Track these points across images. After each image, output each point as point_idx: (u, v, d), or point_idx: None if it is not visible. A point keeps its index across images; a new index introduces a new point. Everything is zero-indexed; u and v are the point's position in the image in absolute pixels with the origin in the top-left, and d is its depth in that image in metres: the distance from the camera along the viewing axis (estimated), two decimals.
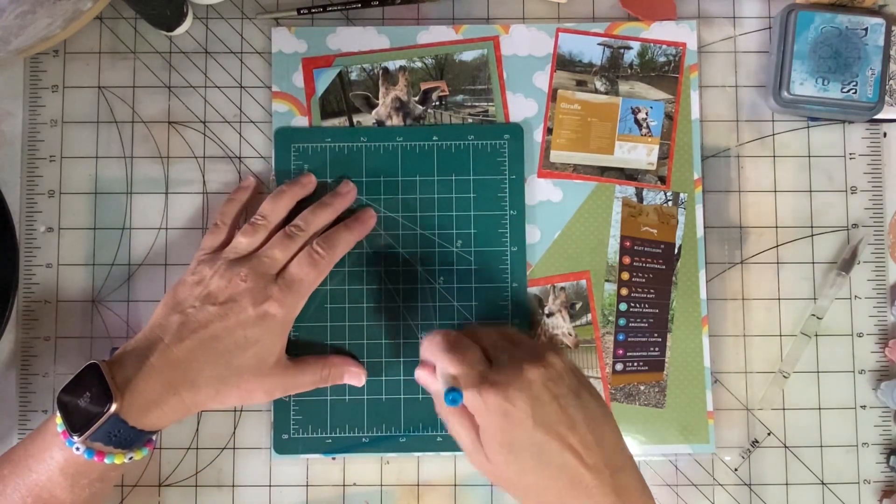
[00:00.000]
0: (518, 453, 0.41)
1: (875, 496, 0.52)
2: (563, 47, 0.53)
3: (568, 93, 0.53)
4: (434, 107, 0.53)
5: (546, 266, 0.52)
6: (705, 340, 0.52)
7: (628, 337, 0.52)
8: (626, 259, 0.52)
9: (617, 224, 0.52)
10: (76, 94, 0.53)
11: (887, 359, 0.52)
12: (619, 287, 0.52)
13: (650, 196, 0.52)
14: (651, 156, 0.53)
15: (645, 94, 0.53)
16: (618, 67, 0.53)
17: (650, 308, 0.52)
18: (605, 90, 0.53)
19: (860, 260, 0.52)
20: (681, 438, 0.51)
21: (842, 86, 0.51)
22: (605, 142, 0.53)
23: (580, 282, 0.52)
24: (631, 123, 0.53)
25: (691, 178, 0.52)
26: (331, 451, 0.51)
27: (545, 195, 0.53)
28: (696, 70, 0.53)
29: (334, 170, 0.52)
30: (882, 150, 0.54)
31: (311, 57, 0.53)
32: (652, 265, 0.52)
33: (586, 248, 0.52)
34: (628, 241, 0.52)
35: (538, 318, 0.52)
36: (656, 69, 0.53)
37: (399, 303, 0.51)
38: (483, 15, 0.54)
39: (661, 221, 0.52)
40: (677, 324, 0.52)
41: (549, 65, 0.53)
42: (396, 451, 0.51)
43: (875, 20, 0.50)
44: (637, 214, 0.52)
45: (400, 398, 0.51)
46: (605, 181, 0.52)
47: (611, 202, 0.52)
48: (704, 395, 0.51)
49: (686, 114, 0.53)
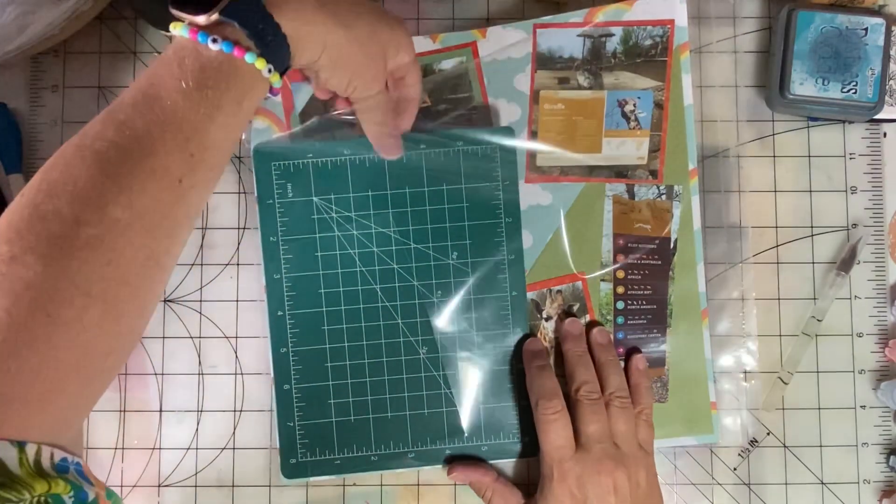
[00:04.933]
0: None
1: (875, 496, 0.52)
2: (542, 45, 0.51)
3: (550, 92, 0.51)
4: (419, 118, 0.51)
5: (541, 270, 0.52)
6: (706, 333, 0.51)
7: (627, 334, 0.52)
8: (621, 257, 0.52)
9: (609, 223, 0.52)
10: (76, 94, 0.53)
11: (887, 359, 0.52)
12: (615, 286, 0.52)
13: (642, 191, 0.52)
14: (641, 150, 0.51)
15: (631, 83, 0.51)
16: (600, 58, 0.51)
17: (648, 304, 0.52)
18: (588, 85, 0.51)
19: (860, 260, 0.52)
20: (685, 431, 0.51)
21: (842, 86, 0.50)
22: (591, 140, 0.51)
23: (576, 283, 0.52)
24: (618, 118, 0.51)
25: (686, 168, 0.51)
26: (340, 471, 0.50)
27: (534, 199, 0.52)
28: (686, 49, 0.51)
29: (320, 187, 0.50)
30: (882, 150, 0.54)
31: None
32: (647, 261, 0.52)
33: (580, 249, 0.52)
34: (622, 239, 0.52)
35: (537, 323, 0.52)
36: (642, 54, 0.51)
37: (398, 320, 0.51)
38: (483, 15, 0.54)
39: (654, 216, 0.52)
40: (676, 318, 0.51)
41: (528, 65, 0.52)
42: (406, 467, 0.50)
43: (875, 20, 0.50)
44: (629, 211, 0.52)
45: (406, 414, 0.50)
46: (594, 181, 0.51)
47: (601, 201, 0.52)
48: (707, 386, 0.51)
49: (677, 100, 0.51)
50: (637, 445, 0.47)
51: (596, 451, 0.46)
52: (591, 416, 0.47)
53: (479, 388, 0.51)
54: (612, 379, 0.48)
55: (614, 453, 0.46)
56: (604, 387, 0.48)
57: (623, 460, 0.46)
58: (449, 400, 0.50)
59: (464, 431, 0.50)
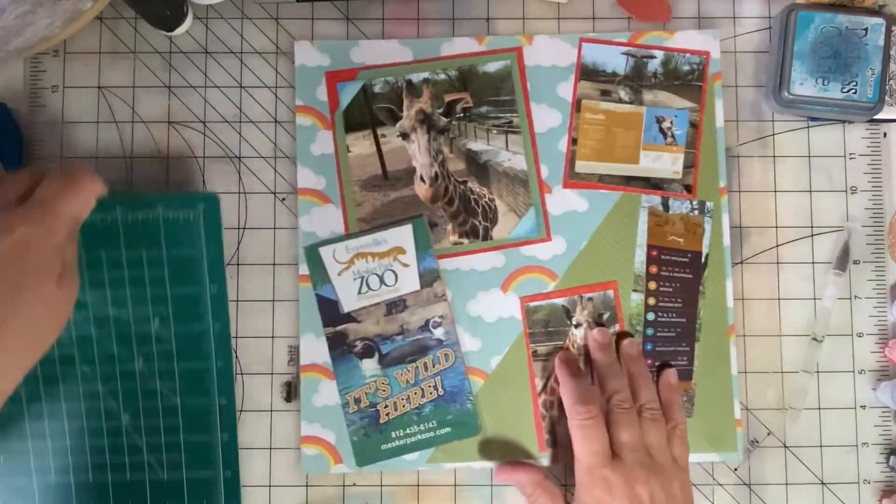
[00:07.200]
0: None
1: (875, 496, 0.52)
2: (587, 57, 0.53)
3: (592, 102, 0.53)
4: (458, 118, 0.53)
5: (572, 277, 0.52)
6: (732, 349, 0.51)
7: (656, 346, 0.52)
8: (654, 268, 0.52)
9: (643, 233, 0.52)
10: (76, 94, 0.53)
11: (887, 359, 0.52)
12: (646, 297, 0.52)
13: (676, 205, 0.52)
14: (676, 165, 0.52)
15: (669, 102, 0.53)
16: (642, 77, 0.53)
17: (678, 317, 0.52)
18: (629, 99, 0.53)
19: (860, 259, 0.52)
20: (709, 447, 0.51)
21: (842, 86, 0.50)
22: (630, 151, 0.53)
23: (607, 292, 0.52)
24: (656, 132, 0.53)
25: (717, 186, 0.52)
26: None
27: (570, 205, 0.52)
28: (719, 78, 0.53)
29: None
30: (882, 150, 0.54)
31: (335, 70, 0.53)
32: (679, 274, 0.52)
33: (613, 257, 0.52)
34: (655, 251, 0.52)
35: (566, 330, 0.52)
36: (680, 78, 0.53)
37: (98, 386, 0.49)
38: (483, 15, 0.54)
39: (687, 230, 0.52)
40: (705, 332, 0.51)
41: (572, 75, 0.53)
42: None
43: (875, 20, 0.50)
44: (663, 224, 0.52)
45: (107, 479, 0.49)
46: (631, 191, 0.52)
47: (637, 212, 0.52)
48: (732, 403, 0.51)
49: (710, 122, 0.53)
50: (671, 458, 0.47)
51: (630, 459, 0.46)
52: (624, 424, 0.46)
53: (181, 455, 0.50)
54: (644, 391, 0.48)
55: (649, 463, 0.46)
56: (635, 398, 0.48)
57: (657, 470, 0.46)
58: (152, 467, 0.50)
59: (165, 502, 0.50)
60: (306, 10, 0.54)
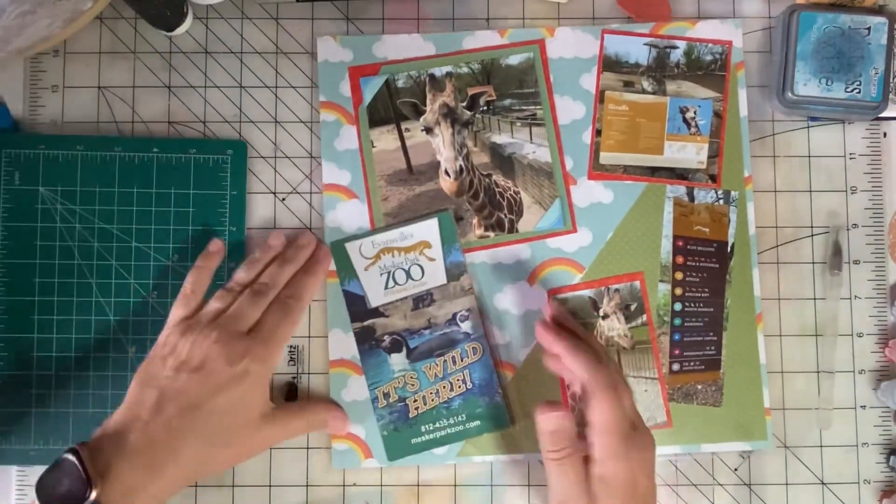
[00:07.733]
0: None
1: (875, 496, 0.52)
2: (609, 48, 0.53)
3: (615, 94, 0.53)
4: (482, 111, 0.53)
5: (599, 268, 0.52)
6: (760, 337, 0.52)
7: (684, 336, 0.52)
8: (680, 259, 0.52)
9: (669, 224, 0.52)
10: (76, 94, 0.53)
11: (887, 359, 0.52)
12: (673, 287, 0.52)
13: (701, 195, 0.52)
14: (701, 154, 0.52)
15: (692, 92, 0.53)
16: (664, 67, 0.53)
17: (705, 307, 0.52)
18: (652, 90, 0.53)
19: (860, 259, 0.52)
20: (738, 436, 0.51)
21: (845, 86, 0.50)
22: (654, 142, 0.52)
23: (634, 283, 0.52)
24: (679, 122, 0.53)
25: (741, 175, 0.52)
26: (33, 461, 0.50)
27: (596, 197, 0.52)
28: (742, 67, 0.53)
29: (48, 178, 0.51)
30: (882, 150, 0.54)
31: (358, 65, 0.53)
32: (705, 264, 0.52)
33: (639, 248, 0.52)
34: (681, 241, 0.52)
35: (592, 321, 0.52)
36: (703, 68, 0.53)
37: (110, 316, 0.51)
38: (483, 15, 0.54)
39: (713, 220, 0.52)
40: (732, 322, 0.52)
41: (595, 66, 0.53)
42: None
43: (878, 19, 0.50)
44: (689, 214, 0.52)
45: (107, 412, 0.47)
46: (656, 181, 0.52)
47: (662, 202, 0.52)
48: (761, 392, 0.51)
49: (734, 111, 0.53)
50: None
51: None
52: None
53: None
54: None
55: None
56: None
57: None
58: None
59: None
60: (306, 10, 0.54)
